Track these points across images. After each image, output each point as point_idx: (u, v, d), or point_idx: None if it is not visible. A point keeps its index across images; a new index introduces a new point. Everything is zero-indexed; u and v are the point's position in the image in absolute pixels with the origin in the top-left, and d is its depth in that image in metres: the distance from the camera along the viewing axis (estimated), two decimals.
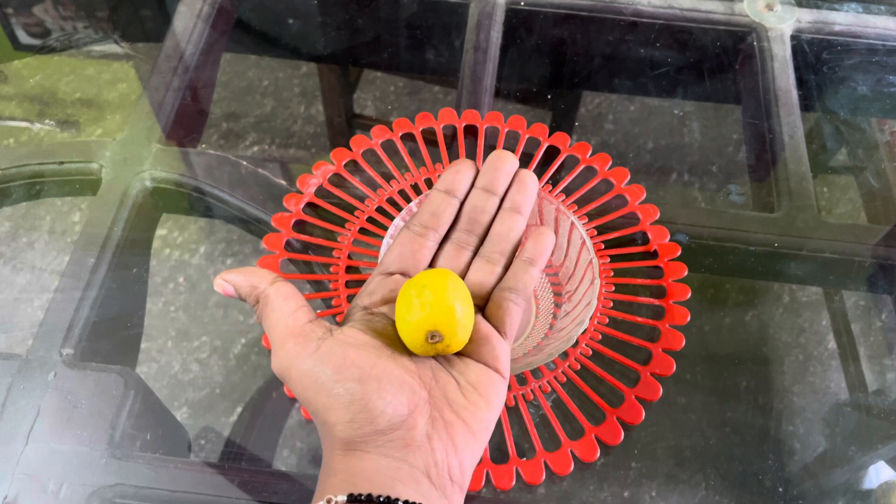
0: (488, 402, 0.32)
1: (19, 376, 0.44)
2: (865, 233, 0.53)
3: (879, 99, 0.63)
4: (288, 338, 0.31)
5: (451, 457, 0.30)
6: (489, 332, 0.33)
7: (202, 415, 0.45)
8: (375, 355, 0.31)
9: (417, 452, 0.29)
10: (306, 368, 0.30)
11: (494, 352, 0.33)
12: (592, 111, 0.63)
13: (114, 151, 0.54)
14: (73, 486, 0.40)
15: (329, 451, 0.30)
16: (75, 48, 0.64)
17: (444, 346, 0.31)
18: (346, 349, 0.30)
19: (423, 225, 0.36)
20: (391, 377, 0.30)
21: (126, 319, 0.49)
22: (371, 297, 0.34)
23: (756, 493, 0.42)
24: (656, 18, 0.65)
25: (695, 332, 0.47)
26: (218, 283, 0.33)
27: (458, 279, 0.33)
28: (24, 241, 0.53)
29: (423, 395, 0.31)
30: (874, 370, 0.49)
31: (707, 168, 0.58)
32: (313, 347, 0.30)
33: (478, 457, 0.32)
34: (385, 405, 0.29)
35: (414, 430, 0.30)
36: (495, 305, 0.34)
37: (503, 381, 0.33)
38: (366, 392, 0.29)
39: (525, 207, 0.37)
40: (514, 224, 0.37)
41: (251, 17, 0.67)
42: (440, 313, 0.31)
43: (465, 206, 0.37)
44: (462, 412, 0.31)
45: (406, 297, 0.32)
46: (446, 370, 0.32)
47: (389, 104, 0.63)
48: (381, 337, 0.32)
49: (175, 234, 0.54)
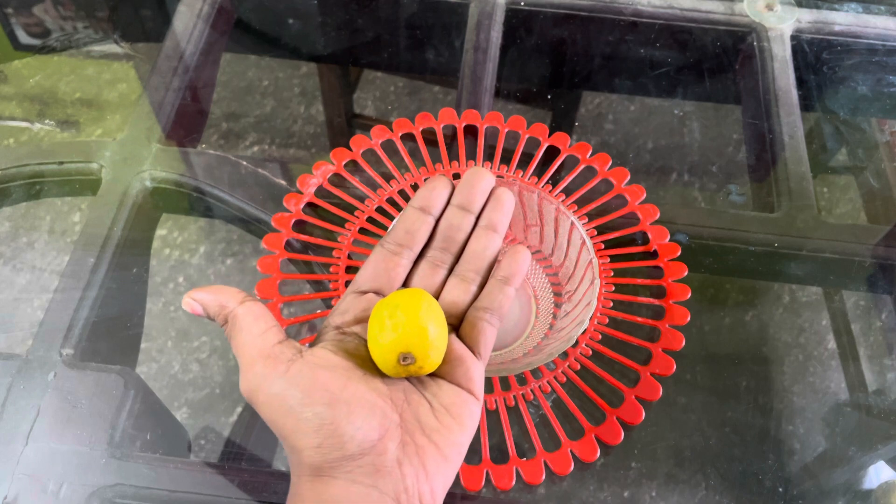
0: (461, 425, 0.31)
1: (19, 376, 0.44)
2: (865, 233, 0.53)
3: (879, 99, 0.63)
4: (257, 359, 0.30)
5: (422, 482, 0.30)
6: (463, 353, 0.33)
7: (202, 415, 0.46)
8: (346, 378, 0.30)
9: (388, 478, 0.29)
10: (275, 391, 0.29)
11: (468, 373, 0.32)
12: (592, 111, 0.63)
13: (114, 151, 0.54)
14: (73, 486, 0.40)
15: (297, 477, 0.29)
16: (75, 48, 0.64)
17: (416, 368, 0.31)
18: (316, 371, 0.30)
19: (398, 243, 0.36)
20: (361, 400, 0.29)
21: (126, 319, 0.49)
22: (343, 317, 0.34)
23: (756, 493, 0.42)
24: (656, 18, 0.65)
25: (695, 332, 0.47)
26: (186, 301, 0.32)
27: (431, 299, 0.32)
28: (24, 241, 0.53)
29: (394, 419, 0.30)
30: (874, 370, 0.49)
31: (707, 168, 0.58)
32: (283, 369, 0.30)
33: (450, 481, 0.31)
34: (354, 430, 0.29)
35: (384, 456, 0.29)
36: (469, 325, 0.34)
37: (477, 402, 0.32)
38: (335, 416, 0.28)
39: (501, 225, 0.37)
40: (490, 242, 0.36)
41: (251, 17, 0.67)
42: (413, 335, 0.30)
43: (441, 223, 0.37)
44: (434, 435, 0.30)
45: (378, 317, 0.31)
46: (419, 392, 0.32)
47: (389, 104, 0.63)
48: (352, 358, 0.32)
49: (175, 234, 0.54)
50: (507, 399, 0.44)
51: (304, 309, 0.47)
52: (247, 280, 0.51)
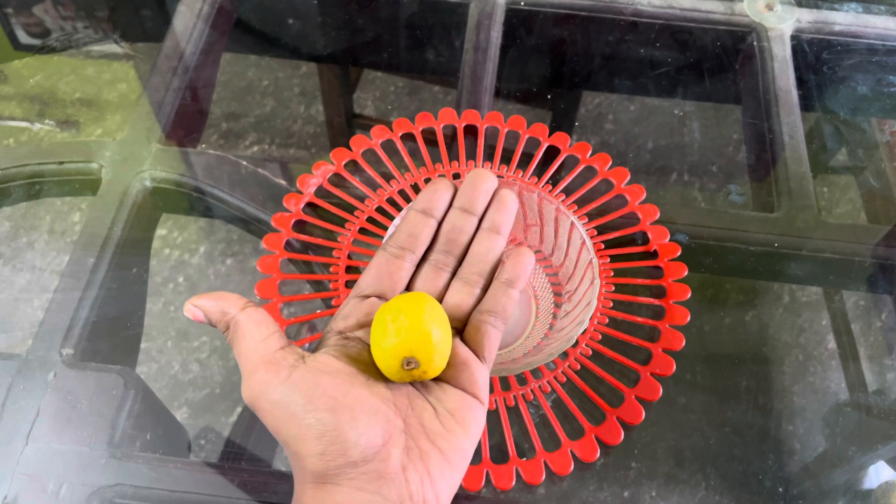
0: (466, 430, 0.31)
1: (19, 376, 0.44)
2: (865, 233, 0.53)
3: (879, 99, 0.63)
4: (259, 365, 0.30)
5: (427, 488, 0.29)
6: (468, 357, 0.33)
7: (202, 415, 0.46)
8: (349, 383, 0.30)
9: (392, 485, 0.28)
10: (277, 398, 0.29)
11: (473, 377, 0.32)
12: (592, 111, 0.63)
13: (114, 151, 0.54)
14: (73, 486, 0.40)
15: (300, 484, 0.29)
16: (75, 48, 0.64)
17: (420, 373, 0.30)
18: (318, 377, 0.29)
19: (400, 246, 0.36)
20: (365, 406, 0.29)
21: (126, 319, 0.49)
22: (346, 322, 0.34)
23: (756, 493, 0.42)
24: (656, 18, 0.65)
25: (695, 332, 0.47)
26: (187, 308, 0.32)
27: (435, 303, 0.32)
28: (24, 241, 0.53)
29: (398, 424, 0.30)
30: (874, 370, 0.49)
31: (707, 168, 0.58)
32: (285, 375, 0.29)
33: (455, 487, 0.31)
34: (358, 436, 0.28)
35: (388, 462, 0.29)
36: (473, 329, 0.34)
37: (482, 407, 0.32)
38: (338, 423, 0.28)
39: (504, 227, 0.37)
40: (493, 244, 0.36)
41: (251, 17, 0.67)
42: (416, 339, 0.30)
43: (443, 226, 0.36)
44: (438, 440, 0.30)
45: (381, 322, 0.31)
46: (423, 396, 0.32)
47: (389, 104, 0.63)
48: (355, 363, 0.31)
49: (175, 234, 0.54)
50: (507, 399, 0.44)
51: (303, 309, 0.47)
52: (247, 280, 0.51)
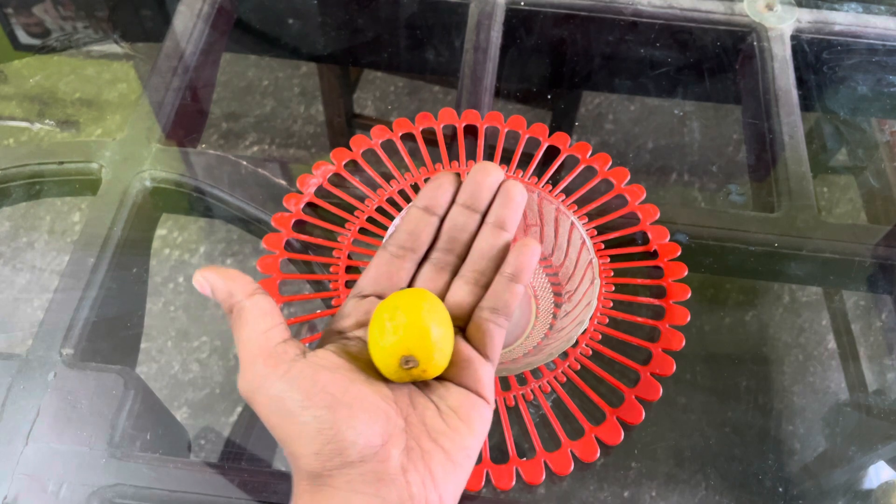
0: (470, 428, 0.30)
1: (19, 376, 0.44)
2: (865, 233, 0.53)
3: (879, 99, 0.63)
4: (258, 357, 0.29)
5: (430, 489, 0.28)
6: (471, 355, 0.32)
7: (202, 415, 0.46)
8: (349, 380, 0.29)
9: (391, 486, 0.27)
10: (274, 393, 0.28)
11: (476, 375, 0.31)
12: (592, 111, 0.63)
13: (114, 151, 0.54)
14: (73, 486, 0.40)
15: (297, 485, 0.28)
16: (75, 48, 0.64)
17: (420, 372, 0.30)
18: (317, 372, 0.28)
19: (401, 245, 0.35)
20: (364, 403, 0.28)
21: (126, 319, 0.49)
22: (345, 321, 0.33)
23: (756, 493, 0.42)
24: (656, 18, 0.65)
25: (695, 332, 0.47)
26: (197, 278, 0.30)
27: (434, 299, 0.31)
28: (24, 241, 0.53)
29: (398, 423, 0.29)
30: (874, 370, 0.49)
31: (707, 168, 0.58)
32: (284, 369, 0.28)
33: (461, 487, 0.30)
34: (356, 436, 0.27)
35: (387, 463, 0.28)
36: (476, 327, 0.33)
37: (487, 405, 0.31)
38: (335, 421, 0.27)
39: (510, 223, 0.35)
40: (498, 241, 0.35)
41: (251, 17, 0.67)
42: (414, 336, 0.29)
43: (445, 224, 0.35)
44: (441, 439, 0.29)
45: (378, 320, 0.30)
46: (425, 395, 0.31)
47: (389, 104, 0.63)
48: (356, 361, 0.30)
49: (175, 234, 0.54)
50: (507, 399, 0.44)
51: (304, 309, 0.47)
52: None
